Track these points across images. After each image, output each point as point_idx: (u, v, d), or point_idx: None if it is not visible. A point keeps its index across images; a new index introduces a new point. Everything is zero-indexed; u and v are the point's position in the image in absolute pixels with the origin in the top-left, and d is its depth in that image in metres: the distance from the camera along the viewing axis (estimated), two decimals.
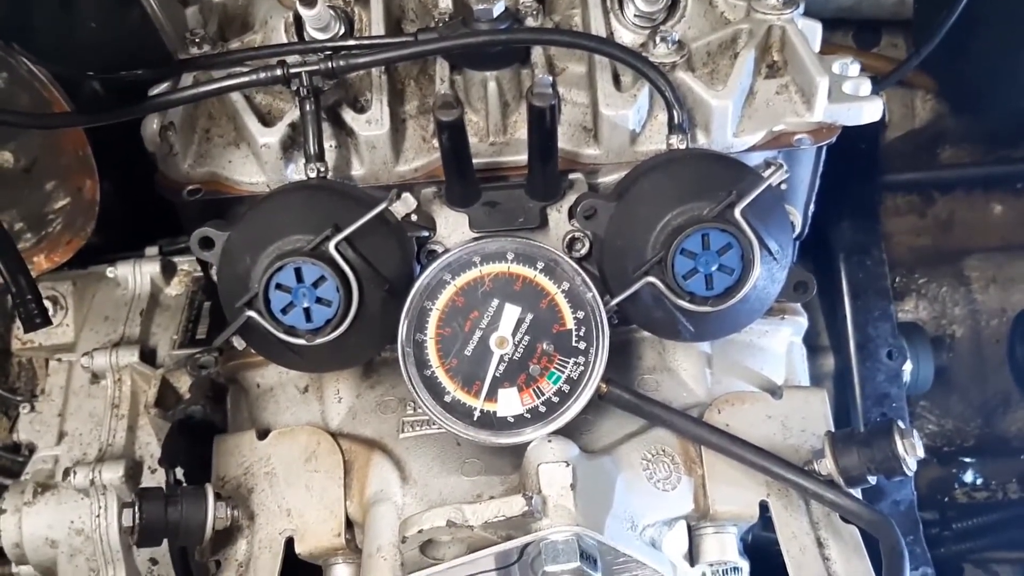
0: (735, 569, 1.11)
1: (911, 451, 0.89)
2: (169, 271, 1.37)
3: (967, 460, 1.70)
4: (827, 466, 0.92)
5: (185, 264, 1.38)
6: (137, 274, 1.36)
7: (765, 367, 1.04)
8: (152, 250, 1.39)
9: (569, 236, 1.00)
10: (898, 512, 1.20)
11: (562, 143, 0.97)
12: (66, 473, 1.19)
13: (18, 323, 1.42)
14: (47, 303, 1.34)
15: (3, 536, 1.20)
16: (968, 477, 1.68)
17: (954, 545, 1.55)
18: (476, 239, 0.92)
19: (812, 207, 1.13)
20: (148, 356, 1.29)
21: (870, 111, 1.01)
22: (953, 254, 1.71)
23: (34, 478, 1.23)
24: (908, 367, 1.37)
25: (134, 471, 1.19)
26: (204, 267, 1.07)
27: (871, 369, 1.27)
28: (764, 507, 0.96)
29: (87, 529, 1.18)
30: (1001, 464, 1.68)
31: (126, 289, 1.36)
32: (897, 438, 0.89)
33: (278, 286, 0.88)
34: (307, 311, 0.88)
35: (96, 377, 1.29)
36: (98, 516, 1.18)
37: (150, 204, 1.39)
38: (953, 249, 1.71)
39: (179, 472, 1.05)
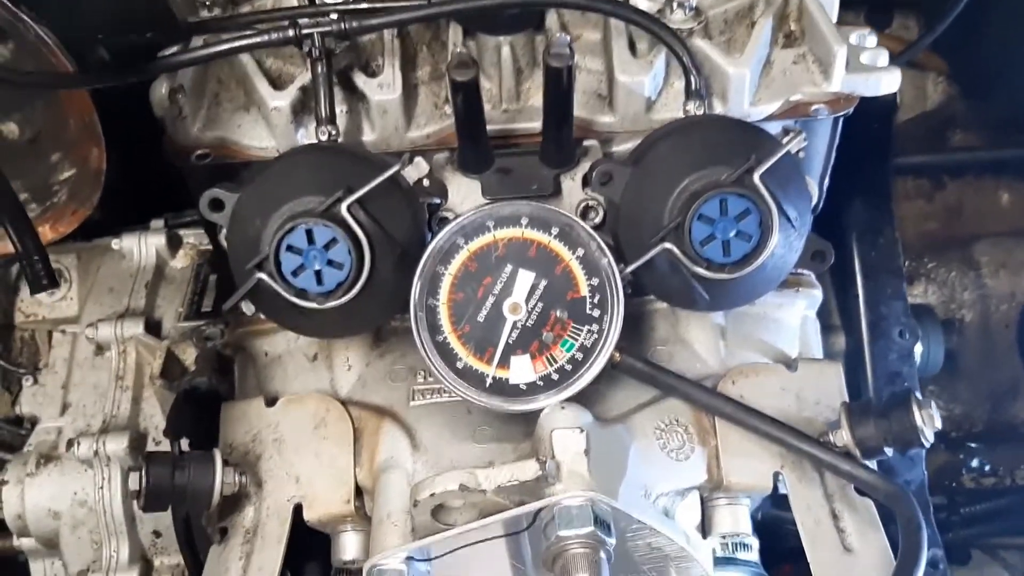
0: (745, 545, 1.10)
1: (929, 422, 0.88)
2: (174, 244, 1.36)
3: (974, 446, 1.69)
4: (843, 437, 0.91)
5: (191, 237, 1.37)
6: (142, 246, 1.34)
7: (779, 340, 1.03)
8: (157, 223, 1.38)
9: (583, 204, 0.98)
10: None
11: (576, 111, 0.96)
12: (69, 444, 1.18)
13: (21, 296, 1.40)
14: None
15: (5, 507, 1.19)
16: (976, 463, 1.67)
17: (962, 530, 1.54)
18: (490, 203, 0.90)
19: (827, 182, 1.12)
20: (153, 328, 1.27)
21: (888, 82, 1.00)
22: (962, 239, 1.70)
23: (37, 449, 1.22)
24: (919, 349, 1.36)
25: (138, 443, 1.18)
26: (212, 234, 1.06)
27: (883, 348, 1.26)
28: (777, 481, 0.95)
29: (90, 501, 1.17)
30: (1009, 450, 1.66)
31: (131, 261, 1.35)
32: (915, 408, 0.88)
33: (289, 248, 0.86)
34: (318, 274, 0.87)
35: (100, 349, 1.28)
36: (101, 488, 1.17)
37: (153, 181, 1.38)
38: (962, 234, 1.70)
39: (184, 443, 1.04)
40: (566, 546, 0.77)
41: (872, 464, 0.91)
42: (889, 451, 0.90)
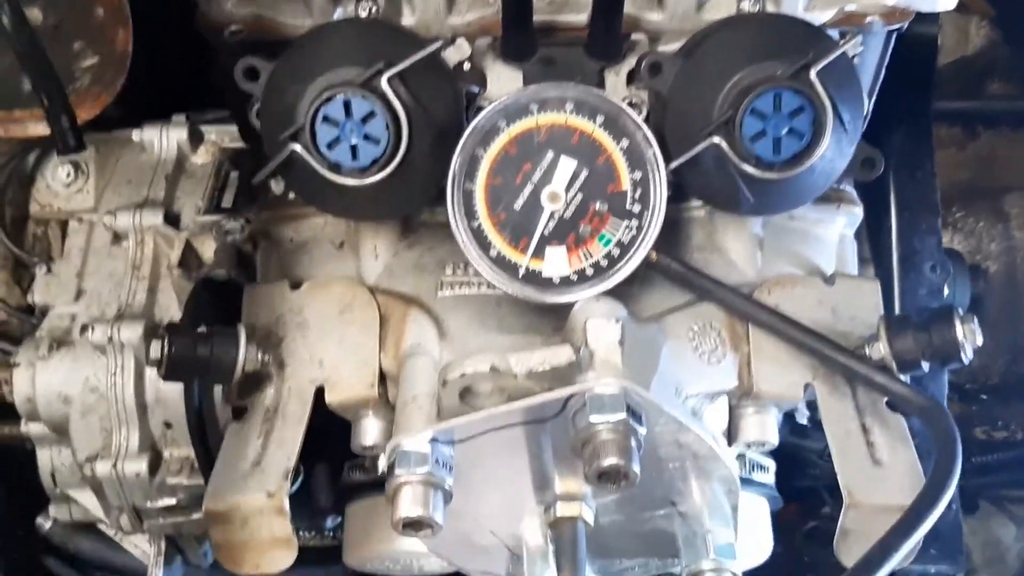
0: (762, 467, 1.09)
1: (970, 337, 0.87)
2: (196, 139, 1.33)
3: (986, 398, 1.67)
4: (880, 350, 0.89)
5: (212, 135, 1.34)
6: (163, 139, 1.31)
7: (816, 256, 1.01)
8: (179, 117, 1.35)
9: (627, 102, 0.95)
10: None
11: (625, 7, 0.93)
12: (83, 329, 1.16)
13: (37, 187, 1.38)
14: (68, 167, 1.31)
15: (16, 390, 1.18)
16: (988, 416, 1.66)
17: (972, 479, 1.53)
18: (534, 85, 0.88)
19: (871, 105, 1.09)
20: (172, 220, 1.25)
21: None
22: (993, 190, 1.67)
23: (50, 334, 1.20)
24: (945, 291, 1.34)
25: (153, 332, 1.16)
26: (240, 115, 1.02)
27: (913, 282, 1.24)
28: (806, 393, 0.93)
29: (102, 387, 1.15)
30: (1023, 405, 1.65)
31: (151, 154, 1.32)
32: (957, 323, 0.86)
33: (325, 119, 0.84)
34: (354, 148, 0.85)
35: (117, 238, 1.25)
36: (114, 375, 1.15)
37: (175, 78, 1.35)
38: (993, 185, 1.67)
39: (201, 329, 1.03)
40: (597, 432, 0.76)
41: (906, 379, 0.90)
42: (926, 366, 0.89)
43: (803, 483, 1.44)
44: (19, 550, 1.47)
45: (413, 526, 0.79)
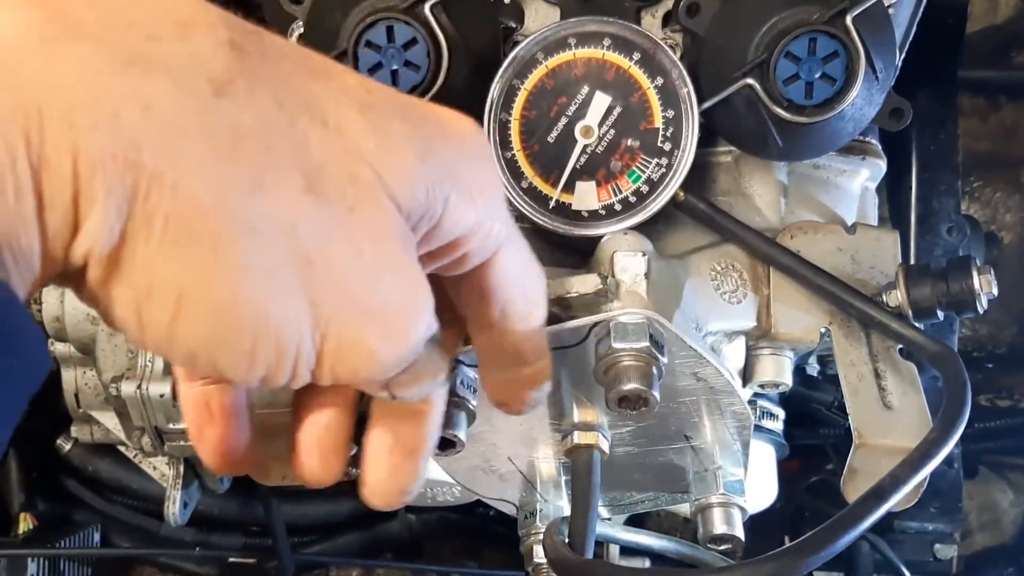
0: (772, 415, 1.12)
1: (987, 287, 0.88)
2: None
3: (991, 367, 1.70)
4: (897, 298, 0.91)
5: None
6: None
7: (839, 206, 1.03)
8: None
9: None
10: (935, 387, 1.20)
11: None
12: None
13: None
14: None
15: (44, 310, 1.20)
16: (993, 384, 1.68)
17: (973, 444, 1.56)
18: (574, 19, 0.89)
19: (900, 60, 1.10)
20: None
21: None
22: (1012, 162, 1.68)
23: None
24: (960, 255, 1.36)
25: None
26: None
27: (929, 243, 1.26)
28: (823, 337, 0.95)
29: None
30: None
31: None
32: (975, 272, 0.88)
33: (368, 44, 0.85)
34: (394, 74, 0.86)
35: None
36: None
37: None
38: (1013, 157, 1.69)
39: None
40: (620, 358, 0.78)
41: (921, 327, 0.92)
42: (941, 315, 0.91)
43: (809, 441, 1.47)
44: (39, 471, 1.51)
45: (438, 444, 0.81)
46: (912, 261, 1.27)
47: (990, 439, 1.57)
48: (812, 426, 1.43)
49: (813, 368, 1.19)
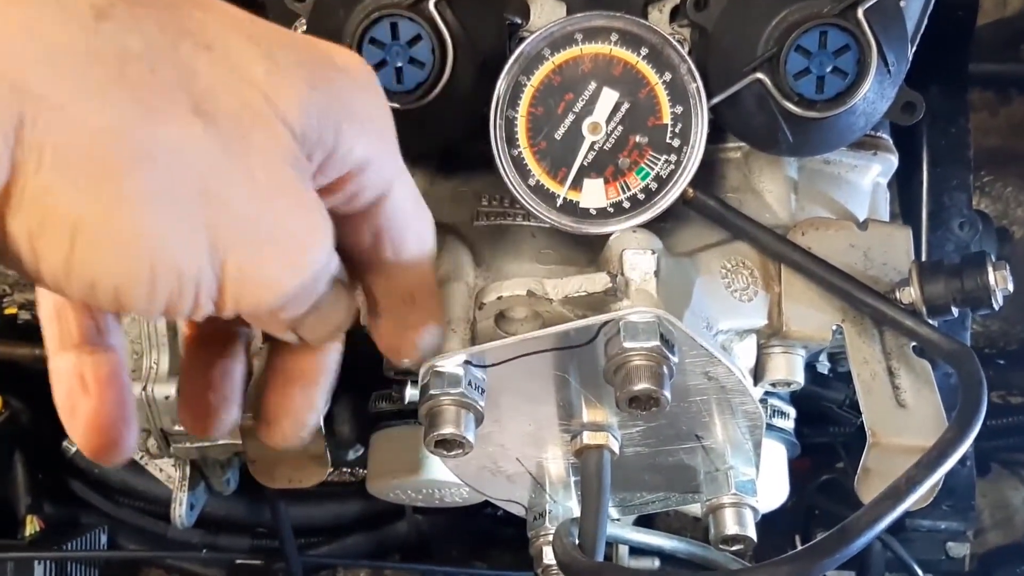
0: (783, 413, 1.10)
1: (1002, 283, 0.87)
2: None
3: (1002, 363, 1.68)
4: (910, 295, 0.90)
5: None
6: None
7: (850, 202, 1.01)
8: None
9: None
10: (948, 384, 1.19)
11: None
12: None
13: None
14: None
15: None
16: (1005, 380, 1.67)
17: (985, 442, 1.54)
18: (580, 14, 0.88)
19: (911, 53, 1.09)
20: None
21: None
22: (1023, 156, 1.67)
23: None
24: (971, 250, 1.34)
25: None
26: None
27: (940, 238, 1.24)
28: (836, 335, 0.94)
29: None
30: None
31: None
32: (990, 268, 0.87)
33: (372, 40, 0.84)
34: (399, 71, 0.85)
35: None
36: None
37: None
38: (1023, 151, 1.67)
39: None
40: (630, 357, 0.77)
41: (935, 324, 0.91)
42: (956, 311, 0.89)
43: (819, 439, 1.46)
44: (46, 473, 1.50)
45: (445, 445, 0.80)
46: (924, 257, 1.26)
47: (1002, 437, 1.55)
48: (822, 424, 1.42)
49: (824, 366, 1.18)
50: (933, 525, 1.36)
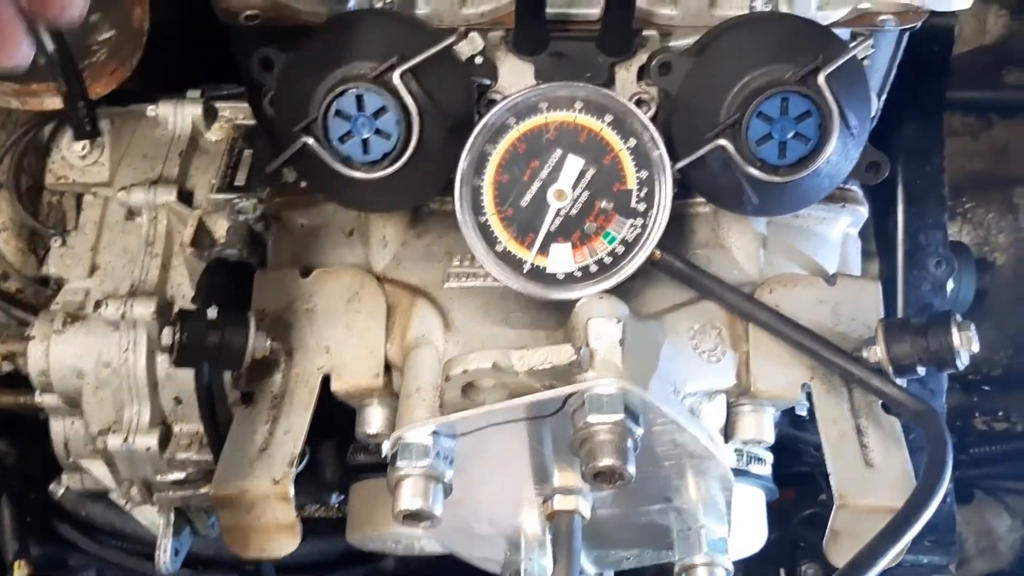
0: (759, 459, 1.11)
1: (966, 344, 0.88)
2: (211, 115, 1.33)
3: (988, 389, 1.68)
4: (877, 353, 0.90)
5: (227, 111, 1.34)
6: (178, 114, 1.32)
7: (819, 254, 1.02)
8: (194, 93, 1.35)
9: (636, 98, 0.96)
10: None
11: (638, 1, 0.93)
12: (97, 305, 1.18)
13: (53, 158, 1.38)
14: (84, 140, 1.31)
15: (30, 363, 1.20)
16: (989, 407, 1.67)
17: (968, 470, 1.55)
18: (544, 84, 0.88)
19: (883, 101, 1.09)
20: (185, 197, 1.26)
21: None
22: (1005, 181, 1.66)
23: (64, 308, 1.22)
24: (950, 285, 1.34)
25: (165, 309, 1.18)
26: (254, 101, 1.03)
27: (917, 277, 1.24)
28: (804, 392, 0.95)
29: (114, 363, 1.17)
30: None
31: (165, 130, 1.33)
32: (954, 329, 0.87)
33: (338, 113, 0.85)
34: (365, 142, 0.86)
35: (131, 214, 1.27)
36: (126, 350, 1.17)
37: (191, 51, 1.35)
38: (1005, 176, 1.67)
39: (212, 312, 1.04)
40: (594, 432, 0.77)
41: (903, 383, 0.91)
42: (922, 370, 0.90)
43: (800, 469, 1.46)
44: (33, 515, 1.51)
45: (413, 518, 0.81)
46: (900, 296, 1.26)
47: (986, 465, 1.55)
48: (802, 456, 1.42)
49: (802, 407, 1.19)
50: (915, 560, 1.36)
